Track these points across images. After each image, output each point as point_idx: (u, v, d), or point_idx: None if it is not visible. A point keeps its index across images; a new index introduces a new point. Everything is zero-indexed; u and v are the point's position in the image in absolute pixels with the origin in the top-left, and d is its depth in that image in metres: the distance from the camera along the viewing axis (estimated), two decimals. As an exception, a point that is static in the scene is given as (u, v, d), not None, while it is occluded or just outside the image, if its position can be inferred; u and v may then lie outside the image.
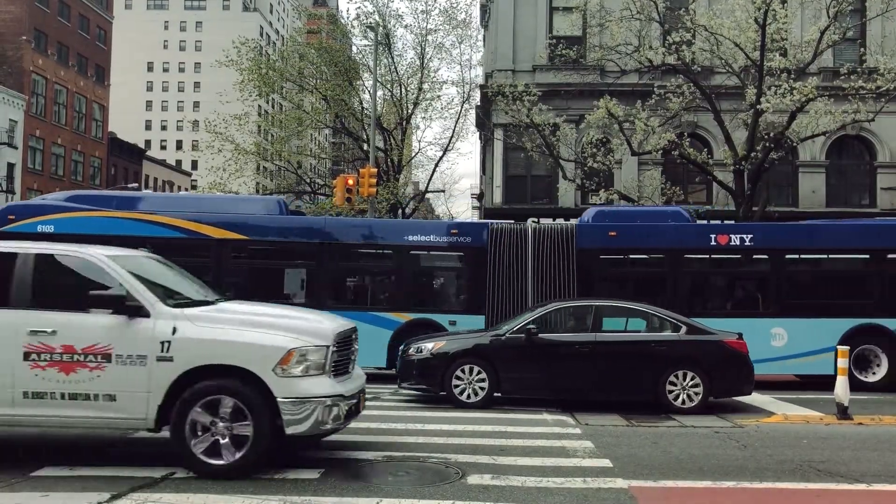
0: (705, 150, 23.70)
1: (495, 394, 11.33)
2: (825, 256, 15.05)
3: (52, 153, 49.95)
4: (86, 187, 53.33)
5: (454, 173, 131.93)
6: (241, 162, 30.42)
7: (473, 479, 6.77)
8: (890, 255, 14.54)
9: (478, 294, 14.63)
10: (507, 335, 11.39)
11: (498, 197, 27.46)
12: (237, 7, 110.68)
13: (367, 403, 11.25)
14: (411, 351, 11.74)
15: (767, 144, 20.09)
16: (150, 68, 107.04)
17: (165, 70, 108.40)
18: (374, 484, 6.59)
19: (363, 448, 8.11)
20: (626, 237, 14.73)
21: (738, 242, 14.49)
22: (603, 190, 21.38)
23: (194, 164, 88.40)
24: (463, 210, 70.11)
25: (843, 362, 10.51)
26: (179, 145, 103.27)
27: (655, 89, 21.89)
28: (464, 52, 48.89)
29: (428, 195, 42.80)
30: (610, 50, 22.05)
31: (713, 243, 14.57)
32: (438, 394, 11.53)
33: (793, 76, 19.42)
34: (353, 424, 9.50)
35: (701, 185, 26.74)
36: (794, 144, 22.37)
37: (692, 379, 11.05)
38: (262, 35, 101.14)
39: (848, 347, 11.02)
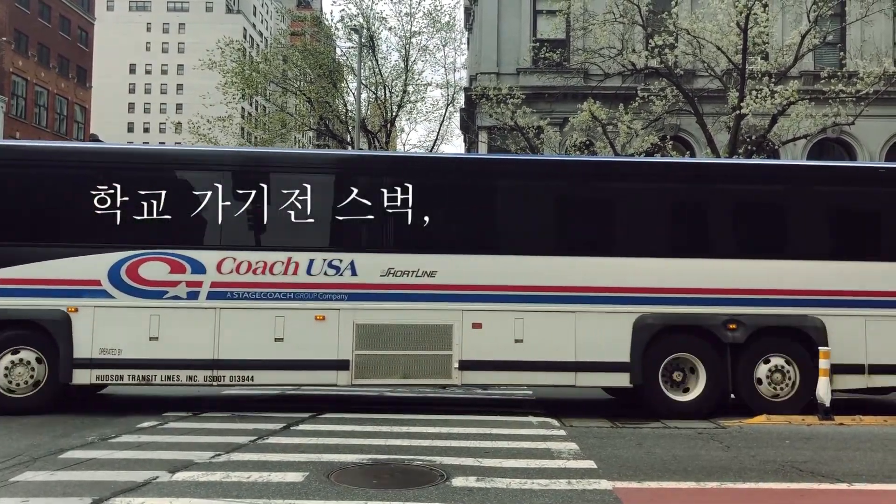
0: (688, 152, 23.84)
1: None
2: None
3: (32, 155, 49.39)
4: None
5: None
6: (224, 164, 30.24)
7: (458, 482, 6.76)
8: None
9: None
10: None
11: (482, 199, 27.49)
12: (220, 9, 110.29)
13: (353, 406, 11.25)
14: None
15: (749, 147, 20.24)
16: (132, 70, 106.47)
17: (148, 72, 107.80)
18: (359, 487, 6.57)
19: (348, 451, 8.07)
20: None
21: None
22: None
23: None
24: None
25: (824, 363, 10.55)
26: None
27: (639, 92, 21.98)
28: (448, 54, 48.91)
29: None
30: (593, 53, 22.13)
31: None
32: None
33: (774, 80, 19.57)
34: (338, 427, 9.51)
35: (684, 188, 26.88)
36: (776, 147, 22.54)
37: None
38: (245, 37, 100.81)
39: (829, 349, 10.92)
